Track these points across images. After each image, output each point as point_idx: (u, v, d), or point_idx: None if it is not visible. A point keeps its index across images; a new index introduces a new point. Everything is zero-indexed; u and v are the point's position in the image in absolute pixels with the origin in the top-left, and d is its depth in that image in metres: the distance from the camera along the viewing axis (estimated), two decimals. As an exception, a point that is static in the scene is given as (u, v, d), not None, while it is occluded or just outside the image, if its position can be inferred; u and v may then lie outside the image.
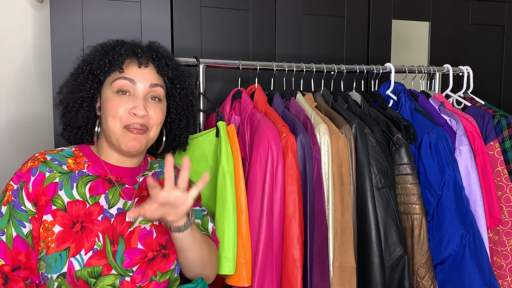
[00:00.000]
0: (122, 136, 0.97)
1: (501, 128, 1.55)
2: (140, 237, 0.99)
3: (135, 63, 1.00)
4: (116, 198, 0.99)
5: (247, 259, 1.14)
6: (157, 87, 1.01)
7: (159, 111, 1.01)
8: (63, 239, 0.91)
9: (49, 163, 0.96)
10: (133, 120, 0.96)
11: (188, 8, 1.66)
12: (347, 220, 1.22)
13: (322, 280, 1.18)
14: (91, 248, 0.92)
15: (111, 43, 1.05)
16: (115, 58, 0.99)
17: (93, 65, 1.00)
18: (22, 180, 0.93)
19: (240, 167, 1.17)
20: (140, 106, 0.96)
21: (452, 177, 1.32)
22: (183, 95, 1.09)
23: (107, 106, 0.98)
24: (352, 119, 1.30)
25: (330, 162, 1.21)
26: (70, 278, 0.90)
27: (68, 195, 0.95)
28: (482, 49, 2.08)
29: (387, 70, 1.58)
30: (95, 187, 0.98)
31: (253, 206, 1.16)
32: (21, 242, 0.90)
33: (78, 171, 0.98)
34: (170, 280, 1.02)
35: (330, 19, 1.83)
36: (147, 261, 0.98)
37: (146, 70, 1.00)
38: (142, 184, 1.06)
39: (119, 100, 0.97)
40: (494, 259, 1.50)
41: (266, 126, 1.18)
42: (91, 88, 1.00)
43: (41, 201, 0.93)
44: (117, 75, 0.99)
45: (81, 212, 0.95)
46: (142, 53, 1.01)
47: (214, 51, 1.70)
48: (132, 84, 0.98)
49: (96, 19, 1.56)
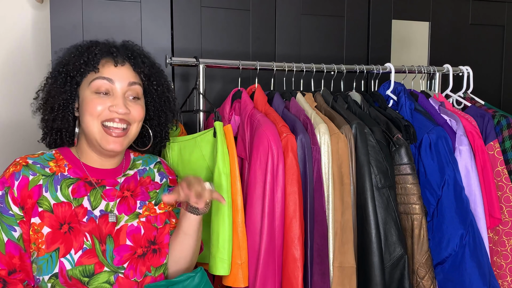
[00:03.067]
0: (100, 136, 0.98)
1: (501, 128, 1.55)
2: (128, 233, 1.00)
3: (111, 62, 1.00)
4: (98, 200, 1.00)
5: (243, 260, 1.15)
6: (135, 85, 1.01)
7: (139, 108, 1.02)
8: (52, 240, 0.93)
9: (31, 166, 0.96)
10: (113, 116, 0.97)
11: (188, 8, 1.66)
12: (347, 220, 1.22)
13: (322, 280, 1.18)
14: (81, 247, 0.94)
15: (85, 43, 1.05)
16: (90, 59, 0.99)
17: (69, 66, 1.00)
18: (6, 185, 0.93)
19: (236, 168, 1.18)
20: (120, 104, 0.97)
21: (452, 177, 1.32)
22: (160, 91, 1.09)
23: (86, 106, 0.98)
24: (352, 119, 1.30)
25: (330, 162, 1.22)
26: (62, 278, 0.91)
27: (53, 197, 0.96)
28: (482, 49, 2.09)
29: (387, 70, 1.58)
30: (77, 190, 0.99)
31: (254, 206, 1.16)
32: (14, 246, 0.91)
33: (60, 174, 0.99)
34: (166, 274, 1.04)
35: (330, 19, 1.83)
36: (137, 257, 0.99)
37: (122, 69, 1.01)
38: (124, 185, 1.06)
39: (98, 99, 0.97)
40: (494, 259, 1.50)
41: (266, 126, 1.18)
42: (71, 90, 1.00)
43: (28, 204, 0.93)
44: (94, 76, 0.99)
45: (67, 213, 0.96)
46: (117, 52, 1.01)
47: (214, 51, 1.70)
48: (110, 83, 0.98)
49: (96, 19, 1.56)
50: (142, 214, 1.04)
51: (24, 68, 1.79)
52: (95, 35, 1.54)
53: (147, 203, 1.06)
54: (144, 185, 1.08)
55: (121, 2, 1.58)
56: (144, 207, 1.05)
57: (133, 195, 1.05)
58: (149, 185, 1.09)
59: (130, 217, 1.02)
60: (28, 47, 1.78)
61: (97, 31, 1.55)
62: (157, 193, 1.09)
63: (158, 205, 1.08)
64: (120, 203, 1.02)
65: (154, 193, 1.09)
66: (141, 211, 1.04)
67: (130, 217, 1.02)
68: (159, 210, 1.07)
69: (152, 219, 1.05)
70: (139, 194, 1.06)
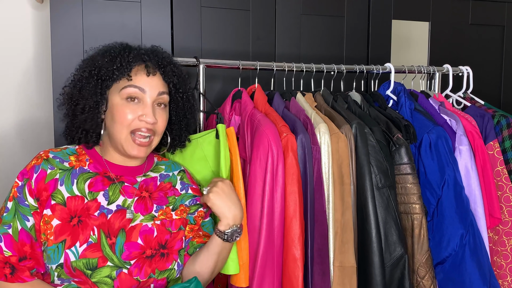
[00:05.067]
0: (126, 143, 1.01)
1: (500, 128, 1.55)
2: (141, 233, 1.02)
3: (143, 71, 1.03)
4: (116, 195, 1.03)
5: (245, 260, 1.15)
6: (164, 95, 1.05)
7: (165, 117, 1.06)
8: (60, 232, 0.97)
9: (51, 161, 1.01)
10: (141, 125, 1.01)
11: (188, 8, 1.66)
12: (347, 219, 1.22)
13: (322, 279, 1.18)
14: (86, 241, 0.97)
15: (117, 47, 1.06)
16: (123, 66, 1.01)
17: (101, 70, 1.02)
18: (25, 177, 0.99)
19: (239, 170, 1.18)
20: (149, 114, 1.01)
21: (452, 177, 1.32)
22: (185, 99, 1.13)
23: (115, 112, 1.01)
24: (352, 119, 1.30)
25: (330, 161, 1.22)
26: (67, 268, 0.95)
27: (68, 190, 1.00)
28: (482, 49, 2.09)
29: (387, 70, 1.58)
30: (95, 184, 1.02)
31: (254, 206, 1.16)
32: (26, 235, 0.97)
33: (79, 168, 1.03)
34: (169, 279, 1.04)
35: (330, 19, 1.83)
36: (145, 257, 1.01)
37: (154, 79, 1.04)
38: (143, 185, 1.08)
39: (128, 107, 1.01)
40: (494, 259, 1.50)
41: (266, 126, 1.19)
42: (101, 92, 1.03)
43: (43, 196, 0.98)
44: (125, 83, 1.01)
45: (79, 207, 0.99)
46: (149, 60, 1.04)
47: (214, 51, 1.70)
48: (141, 92, 1.02)
49: (96, 19, 1.56)
50: (157, 217, 1.06)
51: (24, 68, 1.79)
52: (95, 35, 1.55)
53: (164, 207, 1.08)
54: (164, 190, 1.10)
55: (121, 2, 1.58)
56: (160, 211, 1.07)
57: (151, 197, 1.07)
58: (168, 191, 1.11)
59: (146, 217, 1.04)
60: (28, 47, 1.78)
61: (97, 31, 1.55)
62: (175, 199, 1.11)
63: (175, 211, 1.09)
64: (138, 202, 1.05)
65: (173, 198, 1.10)
66: (157, 215, 1.06)
67: (146, 217, 1.04)
68: (176, 216, 1.09)
69: (167, 223, 1.06)
70: (157, 198, 1.08)
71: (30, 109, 1.80)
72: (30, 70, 1.79)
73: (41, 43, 1.79)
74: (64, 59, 1.51)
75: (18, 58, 1.78)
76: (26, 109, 1.80)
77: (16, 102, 1.79)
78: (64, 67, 1.50)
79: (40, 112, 1.80)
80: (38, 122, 1.80)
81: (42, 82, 1.79)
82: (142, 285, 1.00)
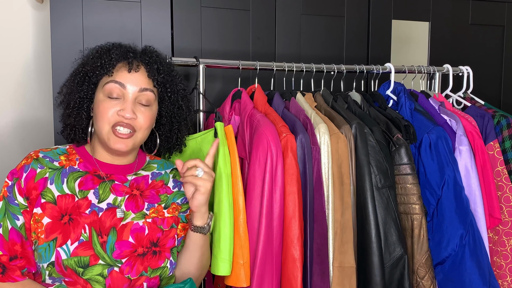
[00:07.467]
0: (108, 137, 1.01)
1: (501, 128, 1.55)
2: (132, 231, 1.02)
3: (125, 67, 1.03)
4: (106, 193, 1.03)
5: (245, 259, 1.14)
6: (146, 91, 1.04)
7: (148, 115, 1.04)
8: (51, 230, 0.97)
9: (40, 160, 1.02)
10: (120, 119, 1.00)
11: (188, 8, 1.66)
12: (347, 220, 1.22)
13: (322, 280, 1.18)
14: (77, 239, 0.97)
15: (107, 46, 1.07)
16: (106, 62, 1.02)
17: (87, 67, 1.04)
18: (15, 176, 1.00)
19: (238, 168, 1.17)
20: (128, 109, 1.00)
21: (452, 177, 1.32)
22: (174, 99, 1.11)
23: (98, 109, 1.02)
24: (352, 119, 1.30)
25: (330, 162, 1.22)
26: (58, 267, 0.95)
27: (58, 189, 1.00)
28: (482, 49, 2.08)
29: (387, 70, 1.58)
30: (85, 183, 1.03)
31: (252, 206, 1.16)
32: (16, 234, 0.97)
33: (69, 167, 1.04)
34: (162, 276, 1.05)
35: (330, 19, 1.83)
36: (136, 255, 1.01)
37: (136, 75, 1.03)
38: (133, 183, 1.08)
39: (108, 103, 1.01)
40: (494, 259, 1.50)
41: (265, 126, 1.19)
42: (87, 90, 1.04)
43: (32, 195, 0.98)
44: (108, 79, 1.02)
45: (69, 205, 1.00)
46: (133, 57, 1.04)
47: (214, 51, 1.70)
48: (122, 88, 1.01)
49: (96, 19, 1.56)
50: (148, 215, 1.05)
51: (24, 68, 1.79)
52: (95, 35, 1.55)
53: (156, 206, 1.08)
54: (156, 188, 1.10)
55: (121, 2, 1.58)
56: (152, 209, 1.07)
57: (142, 195, 1.07)
58: (160, 189, 1.11)
59: (137, 215, 1.04)
60: (28, 47, 1.79)
61: (97, 31, 1.55)
62: (168, 197, 1.11)
63: (167, 209, 1.09)
64: (128, 200, 1.05)
65: (165, 196, 1.10)
66: (148, 213, 1.06)
67: (137, 215, 1.04)
68: (168, 214, 1.09)
69: (158, 221, 1.06)
70: (148, 196, 1.08)
71: (30, 109, 1.80)
72: (30, 70, 1.79)
73: (41, 43, 1.79)
74: (64, 59, 1.51)
75: (18, 58, 1.78)
76: (26, 109, 1.80)
77: (16, 102, 1.79)
78: (64, 67, 1.50)
79: (40, 112, 1.80)
80: (38, 122, 1.80)
81: (42, 82, 1.79)
82: (133, 283, 1.00)
